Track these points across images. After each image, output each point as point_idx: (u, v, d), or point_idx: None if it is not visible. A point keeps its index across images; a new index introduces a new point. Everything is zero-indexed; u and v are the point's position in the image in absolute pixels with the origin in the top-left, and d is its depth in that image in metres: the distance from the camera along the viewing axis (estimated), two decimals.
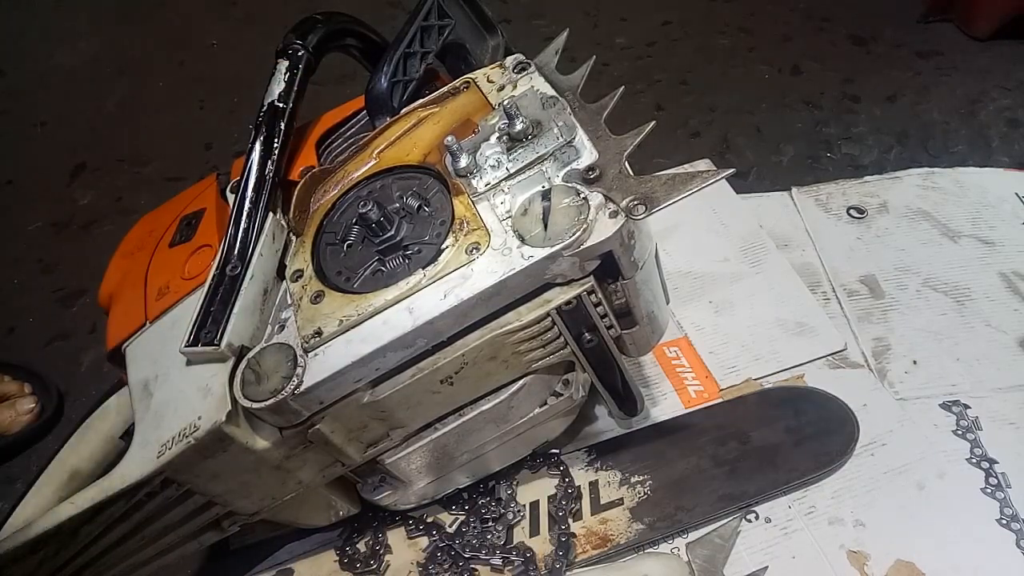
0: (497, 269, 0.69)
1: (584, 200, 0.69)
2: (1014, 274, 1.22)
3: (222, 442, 0.70)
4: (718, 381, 1.09)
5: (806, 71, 1.74)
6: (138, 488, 0.73)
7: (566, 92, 0.79)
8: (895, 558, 0.91)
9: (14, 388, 1.15)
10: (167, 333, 0.80)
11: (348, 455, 0.80)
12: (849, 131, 1.57)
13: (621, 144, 0.72)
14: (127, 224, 1.00)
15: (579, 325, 0.75)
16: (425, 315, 0.69)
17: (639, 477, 0.99)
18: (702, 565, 0.91)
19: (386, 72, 0.86)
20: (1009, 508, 0.94)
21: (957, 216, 1.32)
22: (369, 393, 0.74)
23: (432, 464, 0.88)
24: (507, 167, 0.74)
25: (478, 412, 0.82)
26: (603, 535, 0.95)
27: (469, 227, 0.72)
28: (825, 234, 1.31)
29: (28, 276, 1.47)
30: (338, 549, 0.97)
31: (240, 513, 0.83)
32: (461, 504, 0.99)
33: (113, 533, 0.78)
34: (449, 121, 0.83)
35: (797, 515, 0.95)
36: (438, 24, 0.88)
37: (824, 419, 1.03)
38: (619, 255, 0.71)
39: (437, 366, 0.73)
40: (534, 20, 2.02)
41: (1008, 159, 1.46)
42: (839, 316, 1.18)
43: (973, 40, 1.75)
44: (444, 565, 0.94)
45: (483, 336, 0.73)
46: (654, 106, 1.70)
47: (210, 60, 2.05)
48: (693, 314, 1.19)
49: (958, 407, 1.04)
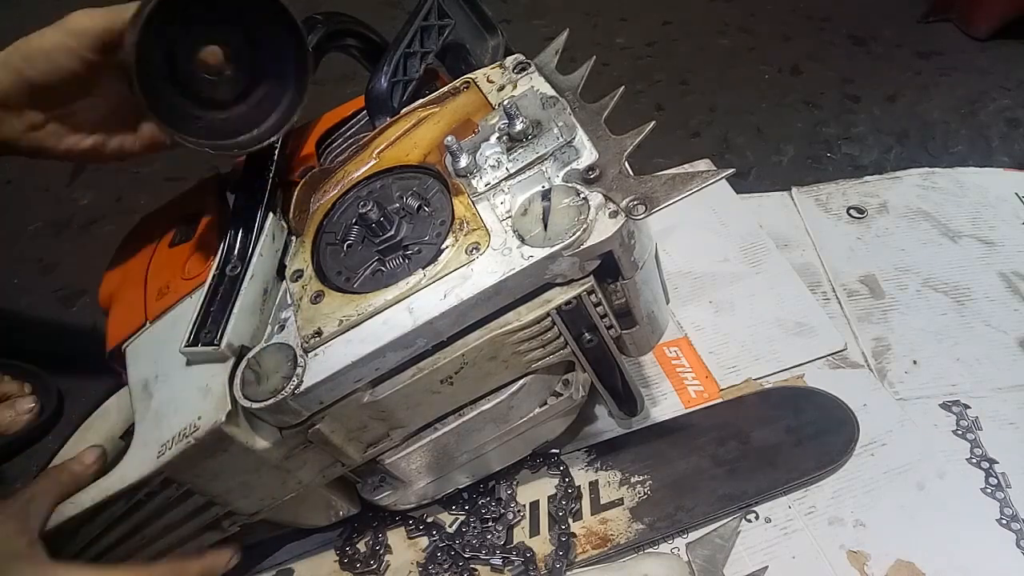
0: (497, 269, 0.69)
1: (584, 200, 0.69)
2: (1014, 274, 1.22)
3: (222, 442, 0.70)
4: (718, 381, 1.09)
5: (806, 71, 1.74)
6: (138, 488, 0.73)
7: (566, 92, 0.79)
8: (895, 558, 0.90)
9: (14, 388, 1.15)
10: (167, 333, 0.80)
11: (348, 455, 0.80)
12: (849, 131, 1.56)
13: (621, 144, 0.72)
14: (127, 224, 1.00)
15: (579, 325, 0.75)
16: (425, 315, 0.69)
17: (639, 477, 0.99)
18: (702, 565, 0.91)
19: (386, 72, 0.86)
20: (1009, 508, 0.94)
21: (957, 216, 1.32)
22: (369, 393, 0.74)
23: (432, 464, 0.88)
24: (507, 167, 0.74)
25: (478, 412, 0.82)
26: (603, 535, 0.95)
27: (469, 227, 0.73)
28: (825, 234, 1.31)
29: (28, 276, 1.47)
30: (338, 549, 0.97)
31: (240, 513, 0.83)
32: (461, 504, 0.98)
33: (113, 533, 0.78)
34: (449, 121, 0.82)
35: (797, 515, 0.95)
36: (438, 24, 0.88)
37: (824, 419, 1.03)
38: (619, 255, 0.71)
39: (437, 366, 0.73)
40: (534, 20, 2.01)
41: (1008, 159, 1.46)
42: (839, 316, 1.18)
43: (973, 40, 1.75)
44: (444, 565, 0.94)
45: (483, 336, 0.73)
46: (654, 106, 1.70)
47: None
48: (693, 314, 1.19)
49: (958, 407, 1.04)
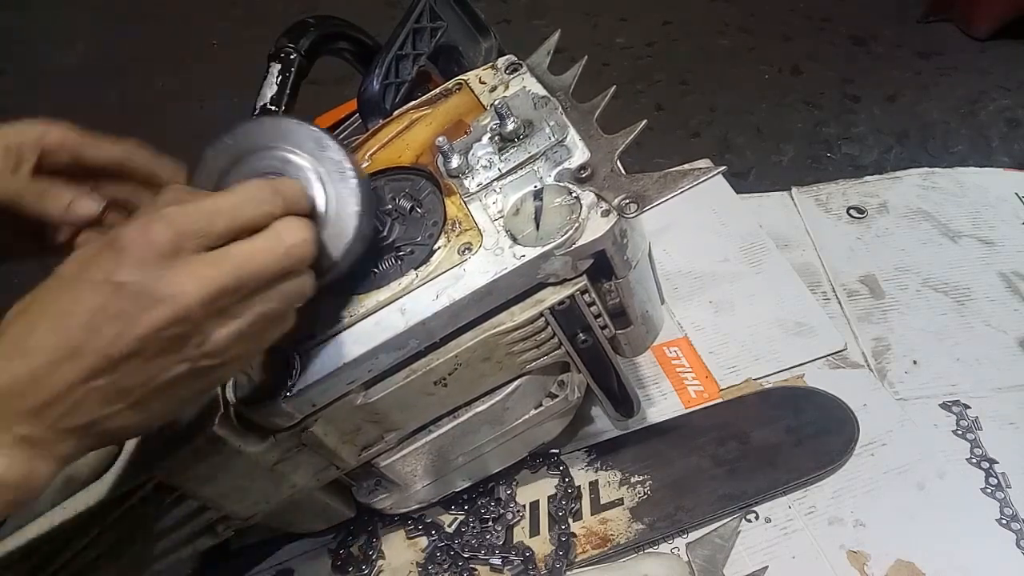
0: (489, 269, 0.69)
1: (576, 199, 0.69)
2: (1014, 274, 1.21)
3: (215, 445, 0.70)
4: (718, 381, 1.09)
5: (806, 71, 1.74)
6: (131, 493, 0.73)
7: (558, 92, 0.79)
8: (895, 558, 0.90)
9: None
10: None
11: (342, 458, 0.80)
12: (849, 131, 1.56)
13: (613, 143, 0.72)
14: None
15: (573, 325, 0.75)
16: (417, 316, 0.69)
17: (639, 477, 0.99)
18: (702, 565, 0.91)
19: (378, 74, 0.86)
20: (1009, 508, 0.93)
21: (957, 216, 1.31)
22: (362, 395, 0.74)
23: (428, 467, 0.88)
24: (499, 167, 0.74)
25: (473, 414, 0.82)
26: (603, 535, 0.95)
27: (461, 227, 0.72)
28: (825, 234, 1.30)
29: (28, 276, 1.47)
30: (331, 551, 0.97)
31: (234, 517, 0.82)
32: (460, 504, 0.98)
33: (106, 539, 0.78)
34: (441, 122, 0.82)
35: (797, 515, 0.95)
36: (430, 26, 0.88)
37: (824, 419, 1.02)
38: (612, 254, 0.71)
39: (430, 367, 0.73)
40: (534, 20, 2.01)
41: (1008, 159, 1.45)
42: (839, 316, 1.17)
43: (973, 40, 1.74)
44: (443, 565, 0.94)
45: (476, 337, 0.72)
46: (654, 106, 1.70)
47: (210, 60, 2.05)
48: (693, 314, 1.19)
49: (958, 407, 1.04)
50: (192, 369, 0.53)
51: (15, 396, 0.49)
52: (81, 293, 0.51)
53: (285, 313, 0.58)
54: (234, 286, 0.53)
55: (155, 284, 0.50)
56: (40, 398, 0.49)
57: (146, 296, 0.50)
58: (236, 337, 0.54)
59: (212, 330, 0.53)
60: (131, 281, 0.50)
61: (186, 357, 0.53)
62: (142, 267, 0.50)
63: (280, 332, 0.59)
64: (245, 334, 0.55)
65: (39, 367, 0.49)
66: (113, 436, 0.55)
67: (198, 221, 0.53)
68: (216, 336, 0.53)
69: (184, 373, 0.53)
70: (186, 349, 0.52)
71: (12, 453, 0.49)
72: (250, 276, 0.54)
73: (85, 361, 0.49)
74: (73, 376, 0.49)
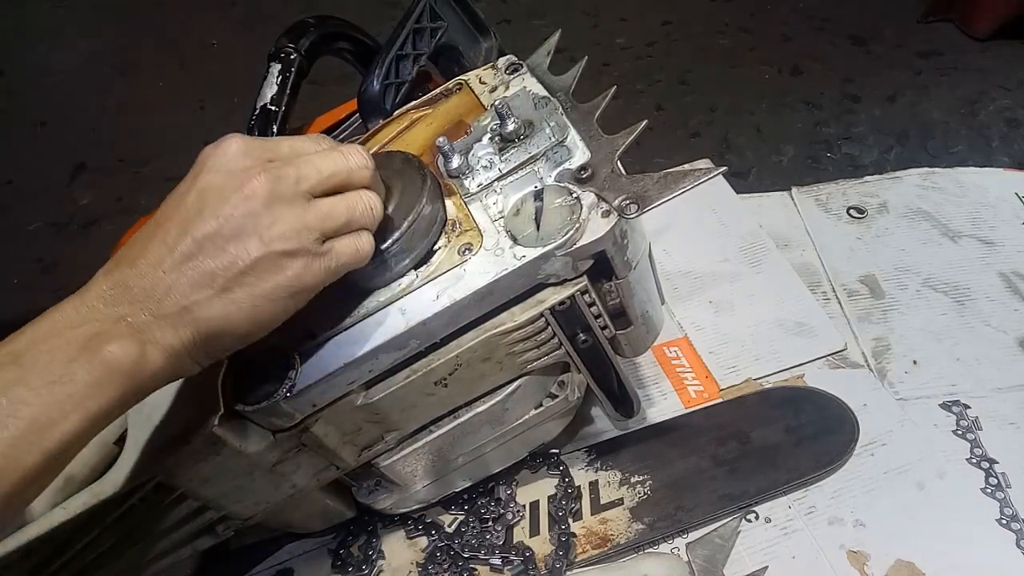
0: (490, 269, 0.69)
1: (576, 200, 0.69)
2: (1014, 274, 1.21)
3: (214, 445, 0.70)
4: (718, 381, 1.09)
5: (806, 71, 1.74)
6: (131, 493, 0.73)
7: (558, 92, 0.79)
8: (895, 558, 0.90)
9: None
10: None
11: (343, 458, 0.80)
12: (849, 131, 1.56)
13: (613, 144, 0.72)
14: (127, 224, 1.00)
15: (573, 325, 0.75)
16: (418, 316, 0.69)
17: (639, 477, 0.99)
18: (702, 565, 0.91)
19: (378, 75, 0.86)
20: (1009, 508, 0.93)
21: (957, 216, 1.31)
22: (363, 395, 0.74)
23: (428, 467, 0.88)
24: (499, 167, 0.74)
25: (473, 414, 0.82)
26: (603, 535, 0.95)
27: (461, 228, 0.72)
28: (825, 234, 1.30)
29: (28, 276, 1.47)
30: (331, 551, 0.97)
31: (234, 517, 0.82)
32: (460, 504, 0.98)
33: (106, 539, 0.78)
34: (441, 122, 0.82)
35: (797, 515, 0.95)
36: (430, 26, 0.88)
37: (824, 419, 1.02)
38: (612, 254, 0.71)
39: (431, 367, 0.73)
40: (534, 20, 2.02)
41: (1008, 159, 1.45)
42: (839, 316, 1.17)
43: (973, 40, 1.74)
44: (443, 565, 0.94)
45: (477, 337, 0.72)
46: (654, 106, 1.70)
47: (210, 60, 2.05)
48: (693, 314, 1.19)
49: (958, 407, 1.04)
50: (267, 254, 0.57)
51: (119, 287, 0.55)
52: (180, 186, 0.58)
53: (349, 222, 0.62)
54: (295, 177, 0.59)
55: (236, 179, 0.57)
56: (138, 284, 0.55)
57: (231, 186, 0.56)
58: (301, 227, 0.58)
59: (281, 213, 0.57)
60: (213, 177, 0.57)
61: (261, 239, 0.56)
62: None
63: (345, 250, 0.62)
64: (311, 227, 0.59)
65: (136, 254, 0.55)
66: (209, 332, 0.57)
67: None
68: (285, 220, 0.57)
69: (260, 258, 0.56)
70: (259, 229, 0.56)
71: (121, 338, 0.53)
72: (316, 178, 0.60)
73: (170, 236, 0.55)
74: (163, 251, 0.55)
